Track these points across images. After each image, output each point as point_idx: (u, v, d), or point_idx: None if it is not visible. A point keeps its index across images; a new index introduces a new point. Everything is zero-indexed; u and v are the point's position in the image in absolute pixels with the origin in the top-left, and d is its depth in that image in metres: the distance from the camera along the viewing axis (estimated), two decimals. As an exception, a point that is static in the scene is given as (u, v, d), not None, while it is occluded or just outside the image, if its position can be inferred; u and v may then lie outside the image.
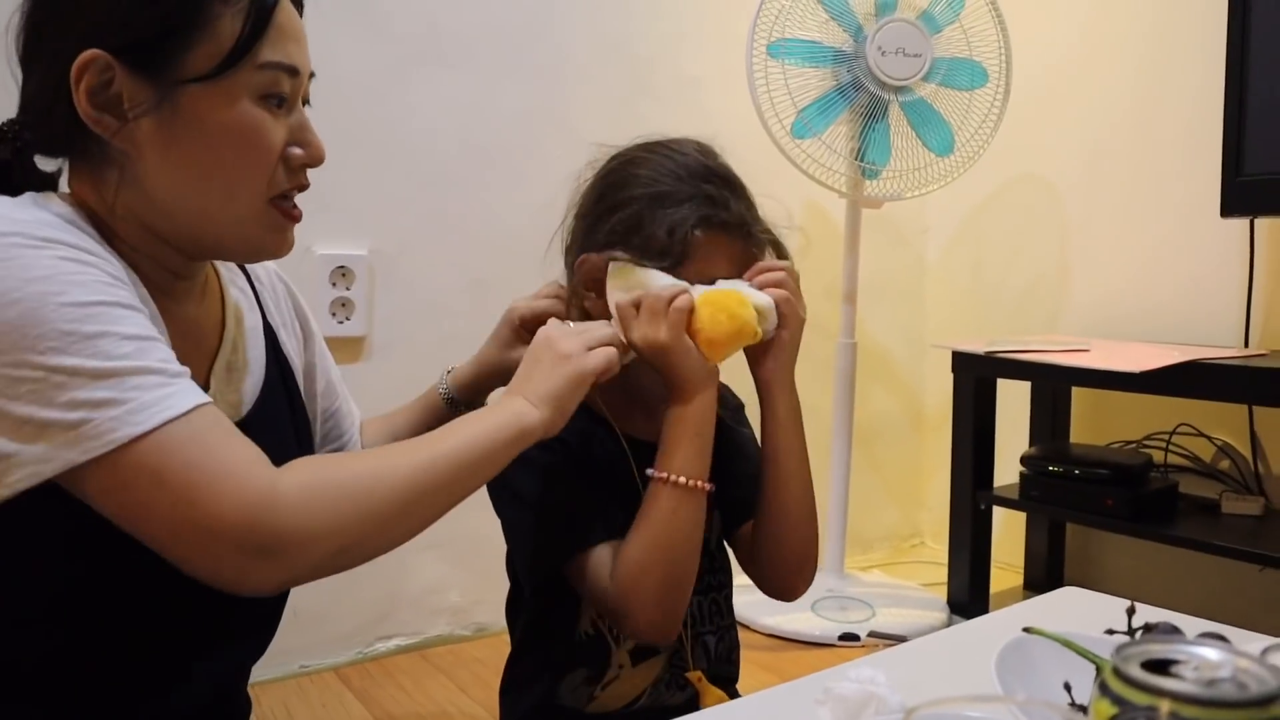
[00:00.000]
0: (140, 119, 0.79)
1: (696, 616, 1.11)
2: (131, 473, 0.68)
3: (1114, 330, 2.58)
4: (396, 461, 0.79)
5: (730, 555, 1.18)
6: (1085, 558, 2.65)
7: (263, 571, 0.71)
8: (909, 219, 3.01)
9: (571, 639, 1.07)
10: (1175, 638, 0.49)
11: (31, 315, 0.68)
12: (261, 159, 0.84)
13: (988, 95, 2.39)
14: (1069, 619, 1.07)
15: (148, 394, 0.70)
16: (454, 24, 2.23)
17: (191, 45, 0.79)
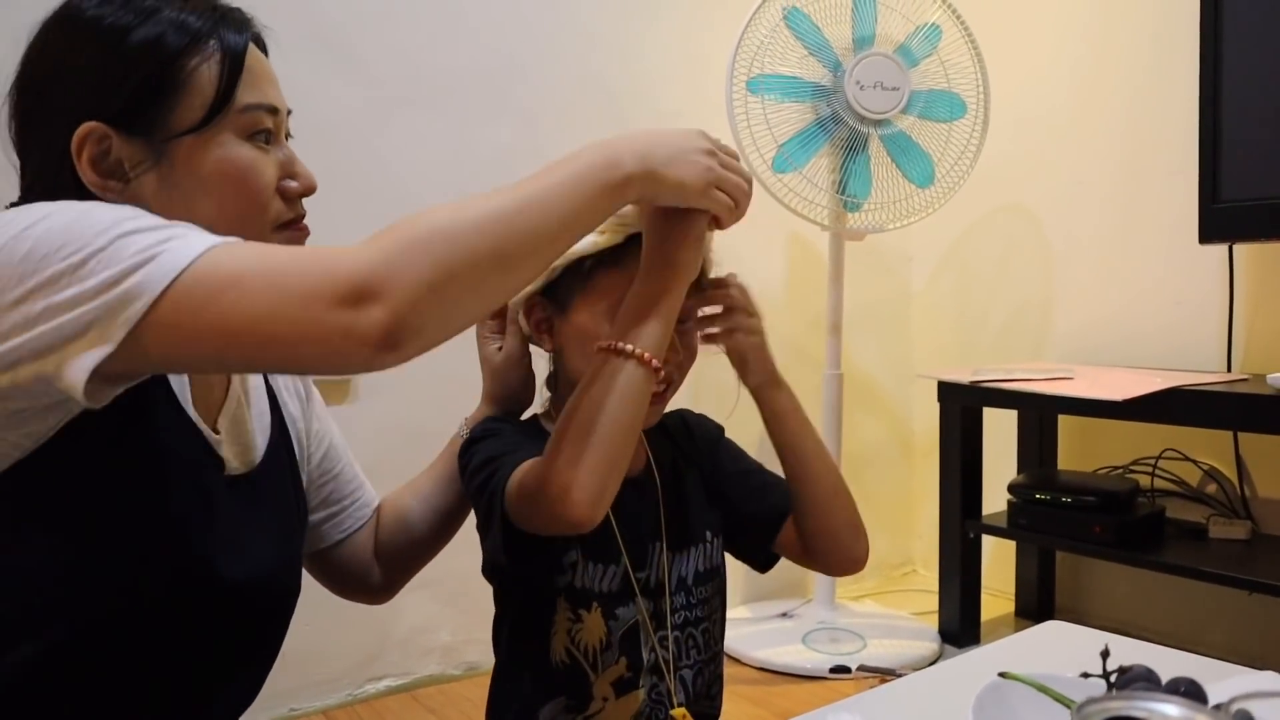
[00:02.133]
0: (142, 177, 0.84)
1: (675, 652, 1.10)
2: (212, 278, 0.69)
3: (1098, 356, 2.59)
4: (483, 206, 0.76)
5: (717, 589, 1.17)
6: (1076, 583, 2.65)
7: (367, 315, 0.68)
8: (893, 249, 3.03)
9: (547, 666, 1.06)
10: (1137, 694, 0.50)
11: (85, 215, 0.72)
12: (259, 193, 0.88)
13: (966, 126, 2.41)
14: (1052, 656, 1.08)
15: (205, 235, 0.73)
16: (432, 66, 2.25)
17: (176, 102, 0.84)
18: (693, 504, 1.14)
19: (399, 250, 0.70)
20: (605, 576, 1.06)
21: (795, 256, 2.77)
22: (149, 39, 0.83)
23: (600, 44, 2.49)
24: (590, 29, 2.48)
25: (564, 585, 1.05)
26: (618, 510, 1.01)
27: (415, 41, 2.22)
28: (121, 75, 0.83)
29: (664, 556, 1.10)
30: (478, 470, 1.02)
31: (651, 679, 1.08)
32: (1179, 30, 2.29)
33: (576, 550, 1.05)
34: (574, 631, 1.05)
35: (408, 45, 2.21)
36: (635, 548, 1.08)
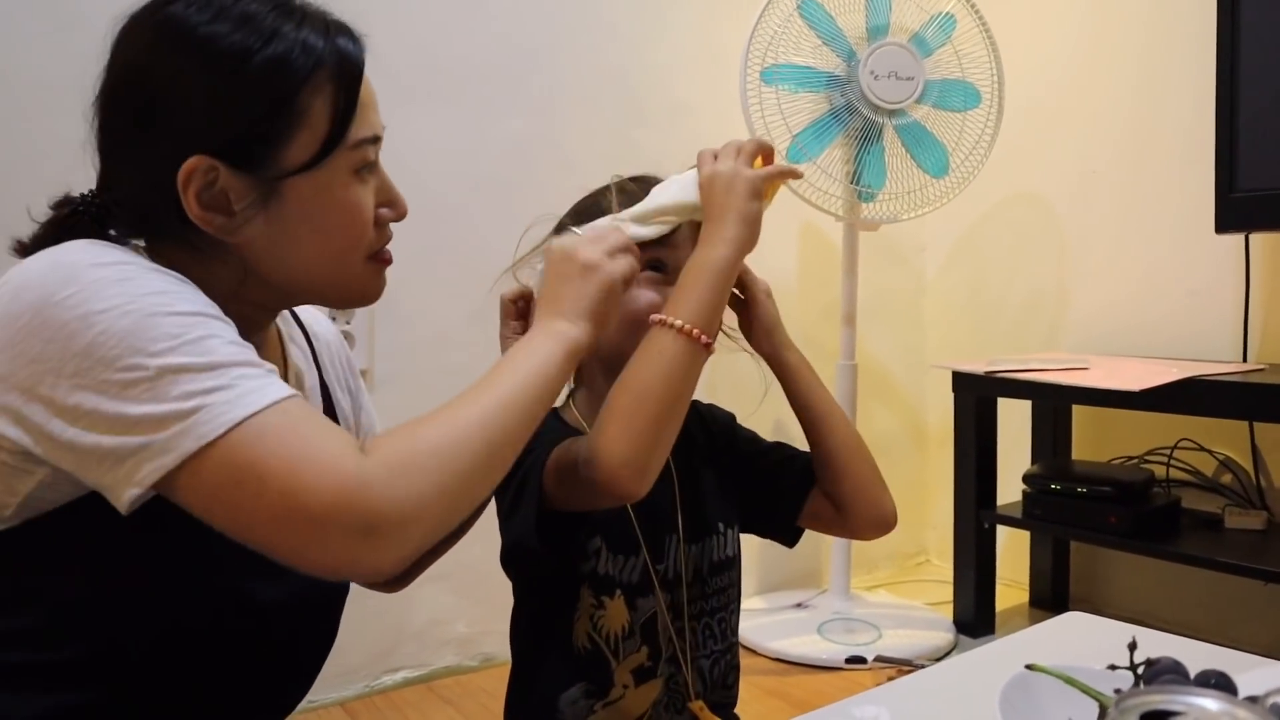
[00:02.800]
0: (248, 214, 0.82)
1: (692, 642, 1.11)
2: (238, 460, 0.70)
3: (1113, 346, 2.58)
4: (469, 418, 0.79)
5: (733, 580, 1.17)
6: (1090, 574, 2.65)
7: (373, 552, 0.72)
8: (906, 238, 3.02)
9: (569, 653, 1.06)
10: (1173, 688, 0.50)
11: (144, 322, 0.71)
12: (363, 230, 0.88)
13: (981, 116, 2.40)
14: (1073, 648, 1.08)
15: (251, 382, 0.73)
16: (448, 58, 2.25)
17: (290, 139, 0.82)
18: (708, 496, 1.14)
19: (419, 493, 0.73)
20: (626, 567, 1.07)
21: (808, 247, 2.76)
22: (271, 64, 0.81)
23: (615, 35, 2.49)
24: (605, 20, 2.47)
25: (588, 572, 1.05)
26: (637, 503, 1.02)
27: (430, 32, 2.22)
28: (238, 107, 0.80)
29: (681, 548, 1.10)
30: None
31: (669, 668, 1.08)
32: (1194, 18, 2.28)
33: (599, 539, 1.05)
34: (596, 618, 1.06)
35: (423, 36, 2.21)
36: (653, 540, 1.09)
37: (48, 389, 0.71)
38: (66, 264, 0.74)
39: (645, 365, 0.92)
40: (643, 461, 0.89)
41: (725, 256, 0.96)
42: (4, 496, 0.76)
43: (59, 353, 0.71)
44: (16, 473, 0.75)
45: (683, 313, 0.93)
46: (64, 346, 0.70)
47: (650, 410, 0.90)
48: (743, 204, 0.97)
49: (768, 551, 2.79)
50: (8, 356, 0.72)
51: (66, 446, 0.71)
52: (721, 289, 0.96)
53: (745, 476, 1.18)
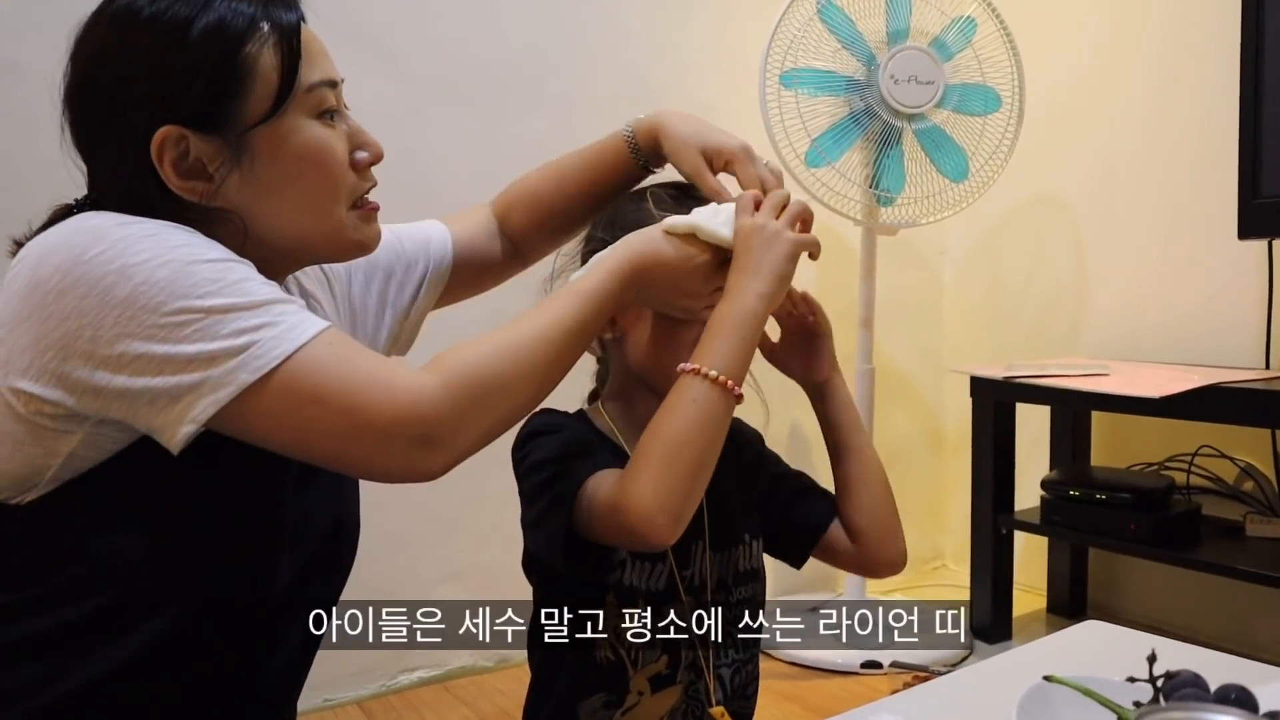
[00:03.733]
0: (224, 175, 0.85)
1: (715, 650, 1.10)
2: (296, 387, 0.75)
3: (1133, 351, 2.57)
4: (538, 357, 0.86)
5: (756, 591, 1.17)
6: (1109, 581, 2.63)
7: (429, 458, 0.78)
8: (925, 241, 3.01)
9: (590, 663, 1.06)
10: (1193, 705, 0.49)
11: (183, 270, 0.75)
12: (337, 171, 0.90)
13: (1001, 120, 2.40)
14: (1091, 657, 1.07)
15: (295, 316, 0.78)
16: (466, 59, 2.25)
17: (246, 92, 0.85)
18: (734, 506, 1.14)
19: (470, 404, 0.80)
20: (652, 575, 1.06)
21: (825, 250, 2.73)
22: (209, 29, 0.83)
23: (634, 37, 2.49)
24: (624, 21, 2.48)
25: (613, 583, 1.05)
26: None
27: (448, 35, 2.23)
28: (190, 73, 0.83)
29: (707, 556, 1.10)
30: (537, 467, 1.01)
31: (689, 676, 1.08)
32: (1217, 22, 2.26)
33: (625, 549, 1.05)
34: (619, 629, 1.05)
35: (440, 38, 2.22)
36: (679, 547, 1.07)
37: (87, 342, 0.74)
38: (89, 228, 0.77)
39: (679, 415, 0.92)
40: (676, 510, 0.89)
41: (757, 311, 0.96)
42: (45, 459, 0.78)
43: (97, 306, 0.74)
44: (57, 435, 0.77)
45: (716, 363, 0.93)
46: (102, 299, 0.73)
47: (685, 459, 0.90)
48: (781, 265, 0.97)
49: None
50: (38, 320, 0.75)
51: (117, 394, 0.75)
52: (752, 340, 0.96)
53: (766, 498, 1.18)
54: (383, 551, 2.16)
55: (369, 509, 1.68)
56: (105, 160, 0.86)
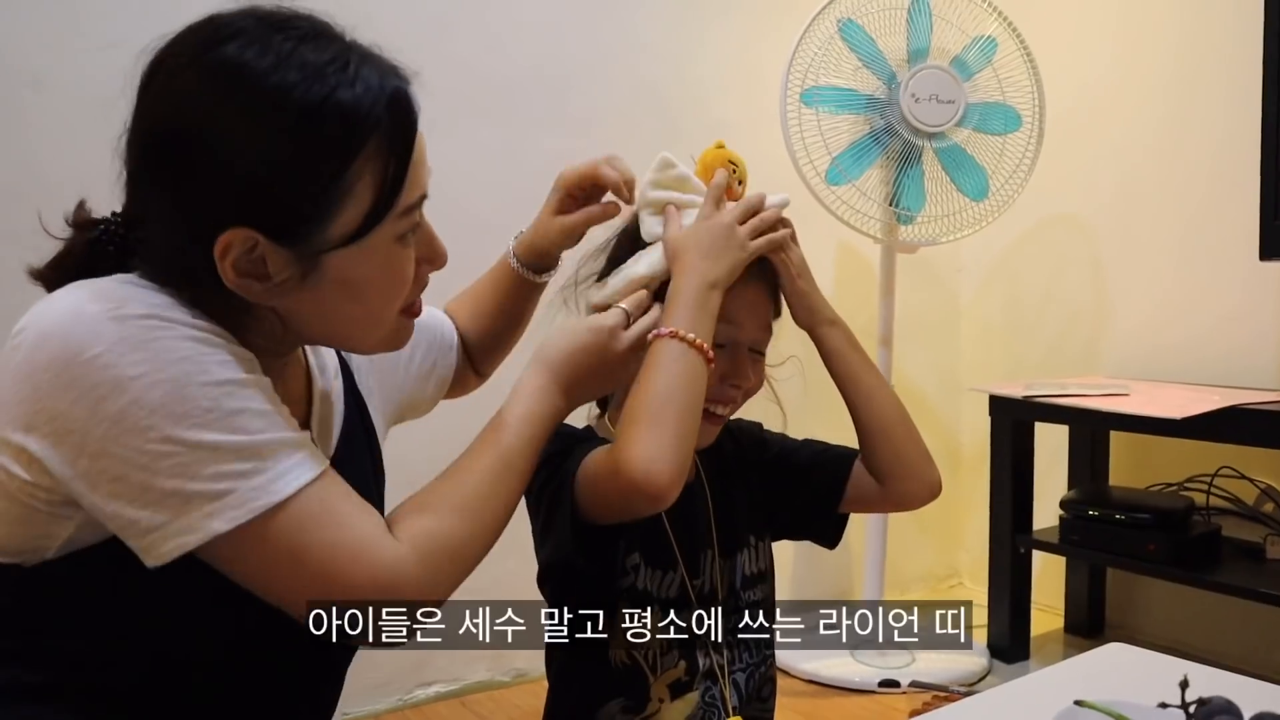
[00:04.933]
0: (285, 285, 0.78)
1: (729, 657, 1.11)
2: (272, 543, 0.73)
3: (1152, 370, 2.56)
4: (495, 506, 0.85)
5: (766, 593, 1.17)
6: (1127, 601, 2.62)
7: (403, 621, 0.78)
8: (943, 260, 3.01)
9: (605, 668, 1.06)
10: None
11: (177, 394, 0.71)
12: (401, 292, 0.85)
13: (1021, 139, 2.40)
14: (1118, 681, 1.07)
15: (282, 463, 0.74)
16: (488, 76, 2.27)
17: (338, 214, 0.77)
18: (739, 510, 1.15)
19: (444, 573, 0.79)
20: (664, 583, 1.08)
21: (844, 267, 2.76)
22: (332, 134, 0.75)
23: (654, 53, 2.50)
24: (644, 38, 2.49)
25: (626, 587, 1.06)
26: (672, 518, 1.06)
27: (468, 51, 2.24)
28: (293, 180, 0.75)
29: (716, 564, 1.11)
30: (545, 471, 1.02)
31: (705, 682, 1.09)
32: (1237, 41, 2.26)
33: (638, 554, 1.06)
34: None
35: (461, 54, 2.23)
36: (690, 555, 1.10)
37: (72, 447, 0.71)
38: (89, 316, 0.72)
39: (661, 374, 0.95)
40: (671, 459, 0.91)
41: (715, 284, 1.01)
42: (42, 541, 0.76)
43: (86, 415, 0.70)
44: (53, 519, 0.75)
45: (688, 327, 0.97)
46: (93, 409, 0.70)
47: (671, 413, 0.93)
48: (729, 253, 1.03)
49: (800, 570, 2.79)
50: (32, 406, 0.71)
51: (90, 504, 0.72)
52: (713, 312, 1.00)
53: (780, 479, 1.19)
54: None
55: None
56: (157, 216, 0.79)
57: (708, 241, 1.03)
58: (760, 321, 1.10)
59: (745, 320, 1.07)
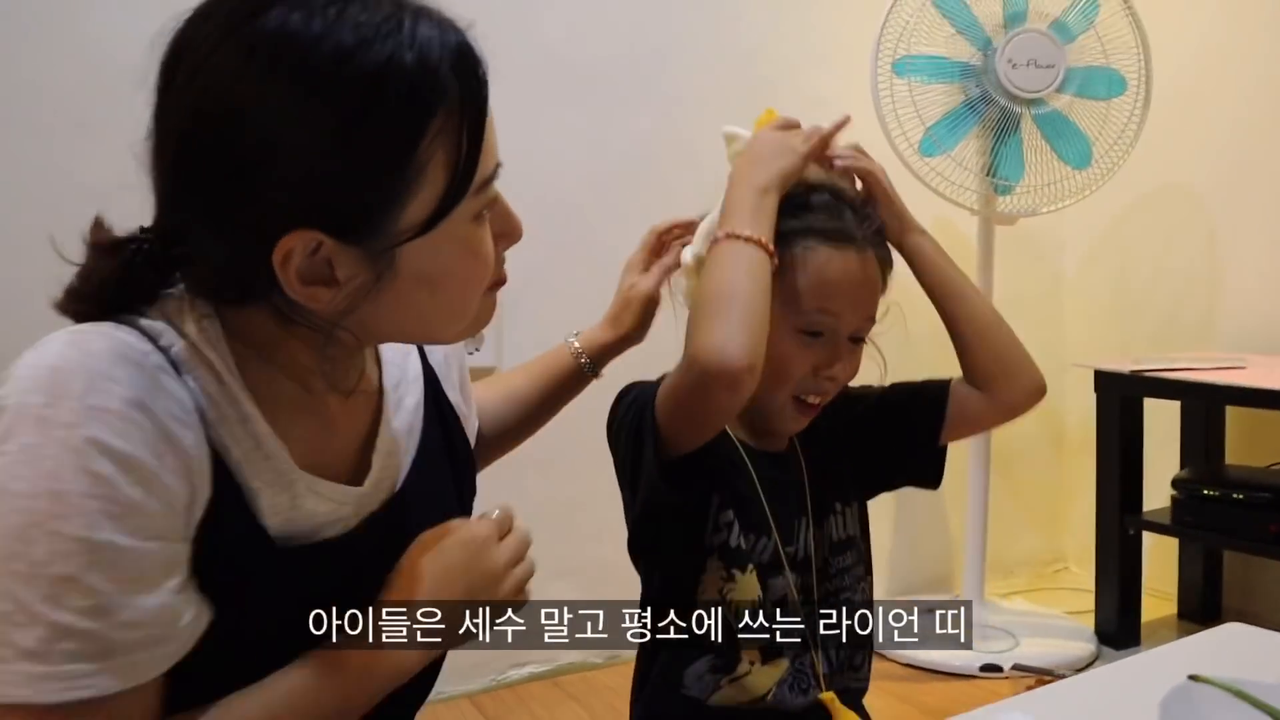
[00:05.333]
0: (354, 286, 0.68)
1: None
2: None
3: (1269, 344, 2.44)
4: None
5: (857, 559, 1.14)
6: (1246, 586, 2.51)
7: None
8: (1044, 234, 2.91)
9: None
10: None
11: (28, 532, 0.61)
12: (485, 275, 0.76)
13: (1126, 104, 2.30)
14: (1235, 661, 1.01)
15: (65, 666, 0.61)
16: (573, 56, 2.26)
17: (409, 200, 0.67)
18: (828, 476, 1.13)
19: None
20: (758, 547, 1.06)
21: (943, 242, 2.68)
22: (396, 110, 0.65)
23: (743, 29, 2.47)
24: (733, 13, 2.45)
25: (719, 544, 1.05)
26: (764, 483, 1.07)
27: (556, 33, 2.24)
28: (359, 168, 0.65)
29: (809, 532, 1.10)
30: (627, 412, 1.04)
31: (796, 649, 1.06)
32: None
33: (732, 513, 1.05)
34: (726, 590, 1.05)
35: (548, 37, 2.23)
36: (783, 522, 1.08)
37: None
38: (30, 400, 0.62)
39: (719, 270, 0.96)
40: (740, 340, 0.91)
41: (759, 186, 1.00)
42: None
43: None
44: None
45: (746, 228, 0.97)
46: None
47: (736, 303, 0.93)
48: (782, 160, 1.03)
49: (899, 556, 2.73)
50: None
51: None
52: (770, 214, 1.00)
53: (874, 427, 1.17)
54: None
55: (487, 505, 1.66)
56: (202, 228, 0.68)
57: (758, 149, 1.04)
58: (864, 308, 1.06)
59: (845, 310, 1.04)
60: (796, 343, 1.04)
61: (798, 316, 1.03)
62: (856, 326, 1.06)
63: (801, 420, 1.08)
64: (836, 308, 1.04)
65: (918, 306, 1.14)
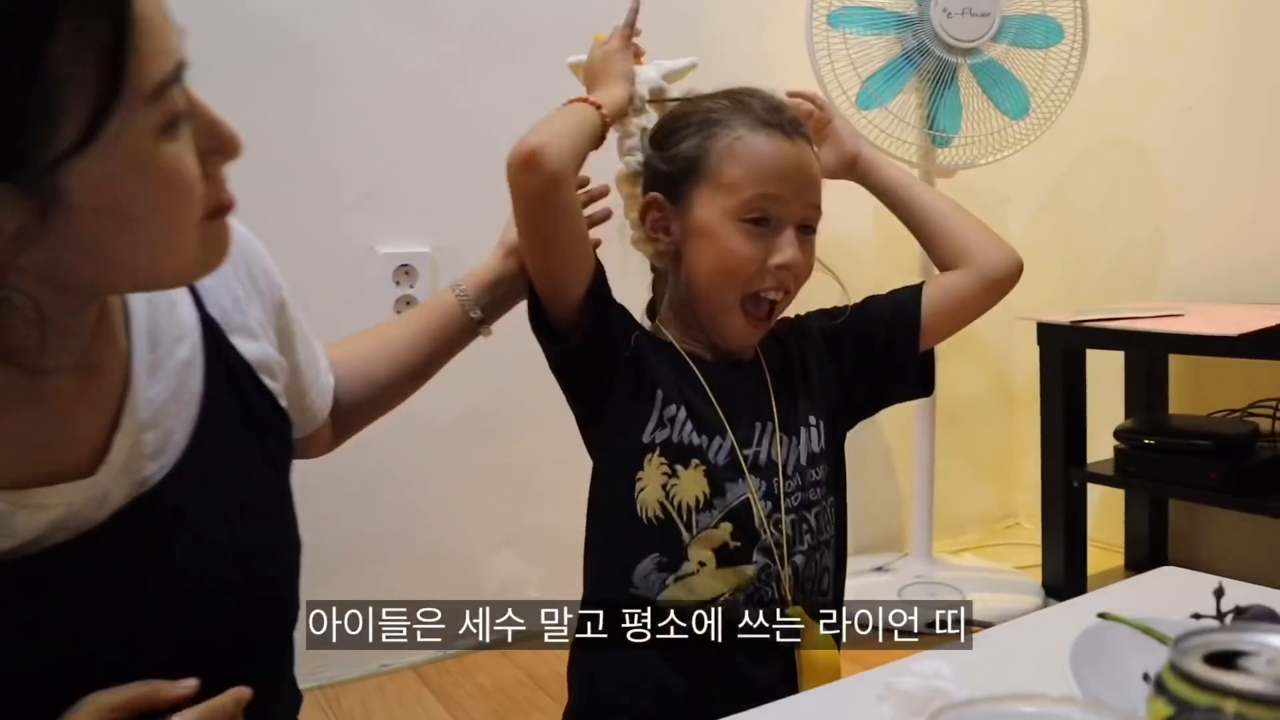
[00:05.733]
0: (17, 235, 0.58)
1: (790, 535, 1.06)
2: None
3: (1211, 294, 2.44)
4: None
5: (830, 473, 1.13)
6: (1190, 535, 2.52)
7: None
8: (989, 189, 2.90)
9: (636, 520, 1.04)
10: (1240, 626, 0.43)
11: None
12: (188, 198, 0.65)
13: (1063, 52, 2.28)
14: (1164, 602, 1.00)
15: None
16: (511, 16, 2.21)
17: (53, 116, 0.56)
18: (800, 392, 1.13)
19: None
20: (712, 448, 1.05)
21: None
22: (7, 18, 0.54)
23: (677, -13, 2.42)
24: (665, -29, 2.41)
25: (661, 441, 1.04)
26: (717, 387, 1.07)
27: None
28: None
29: (776, 438, 1.08)
30: None
31: (762, 559, 1.04)
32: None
33: (682, 409, 1.05)
34: (669, 486, 1.03)
35: (484, -1, 2.18)
36: (740, 424, 1.07)
37: None
38: None
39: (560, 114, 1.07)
40: (537, 132, 1.00)
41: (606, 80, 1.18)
42: None
43: None
44: None
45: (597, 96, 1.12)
46: None
47: (548, 119, 1.04)
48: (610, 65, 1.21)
49: (849, 515, 2.73)
50: None
51: None
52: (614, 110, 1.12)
53: (849, 346, 1.17)
54: (443, 514, 2.16)
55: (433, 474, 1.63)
56: None
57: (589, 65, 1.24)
58: (805, 193, 1.08)
59: (786, 192, 1.06)
60: (742, 233, 1.05)
61: (739, 205, 1.04)
62: (802, 214, 1.07)
63: (754, 327, 1.08)
64: (776, 190, 1.05)
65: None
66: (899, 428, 2.64)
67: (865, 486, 2.74)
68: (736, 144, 1.06)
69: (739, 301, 1.06)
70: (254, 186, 2.24)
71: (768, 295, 1.06)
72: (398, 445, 2.06)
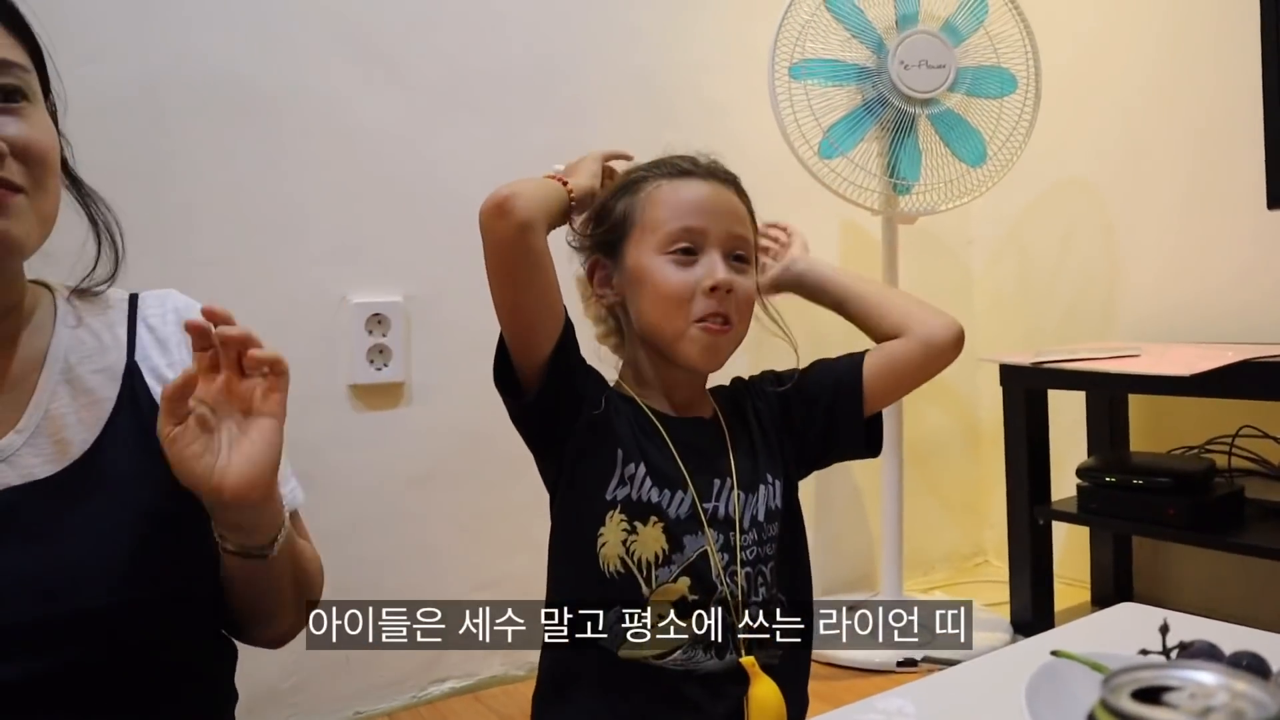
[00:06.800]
0: None
1: (746, 587, 1.10)
2: None
3: (1169, 333, 2.50)
4: None
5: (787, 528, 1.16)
6: (1154, 570, 2.56)
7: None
8: (952, 232, 2.96)
9: (598, 576, 1.06)
10: (1169, 663, 0.46)
11: None
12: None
13: (1017, 101, 2.35)
14: (1118, 637, 1.03)
15: None
16: (475, 69, 2.25)
17: None
18: (759, 449, 1.18)
19: None
20: (673, 502, 1.09)
21: (849, 245, 2.71)
22: None
23: (641, 38, 2.47)
24: (630, 23, 2.46)
25: (622, 498, 1.07)
26: (679, 442, 1.12)
27: (455, 45, 2.22)
28: None
29: (734, 493, 1.12)
30: None
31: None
32: (1239, -10, 2.20)
33: (643, 467, 1.08)
34: (629, 543, 1.07)
35: (448, 49, 2.21)
36: (701, 480, 1.11)
37: None
38: None
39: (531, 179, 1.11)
40: (508, 187, 1.04)
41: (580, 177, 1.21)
42: None
43: None
44: None
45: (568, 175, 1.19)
46: None
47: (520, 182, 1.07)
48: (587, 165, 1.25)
49: (819, 555, 2.74)
50: None
51: None
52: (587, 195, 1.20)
53: (799, 401, 1.22)
54: (416, 561, 2.16)
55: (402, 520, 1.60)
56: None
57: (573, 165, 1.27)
58: (726, 221, 1.14)
59: (706, 222, 1.12)
60: (672, 264, 1.11)
61: (664, 239, 1.11)
62: (728, 243, 1.13)
63: (713, 335, 1.11)
64: (697, 222, 1.11)
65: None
66: (868, 468, 2.67)
67: (835, 527, 2.77)
68: (656, 191, 1.14)
69: (687, 327, 1.11)
70: (226, 239, 2.27)
71: (711, 324, 1.11)
72: (368, 493, 2.07)
